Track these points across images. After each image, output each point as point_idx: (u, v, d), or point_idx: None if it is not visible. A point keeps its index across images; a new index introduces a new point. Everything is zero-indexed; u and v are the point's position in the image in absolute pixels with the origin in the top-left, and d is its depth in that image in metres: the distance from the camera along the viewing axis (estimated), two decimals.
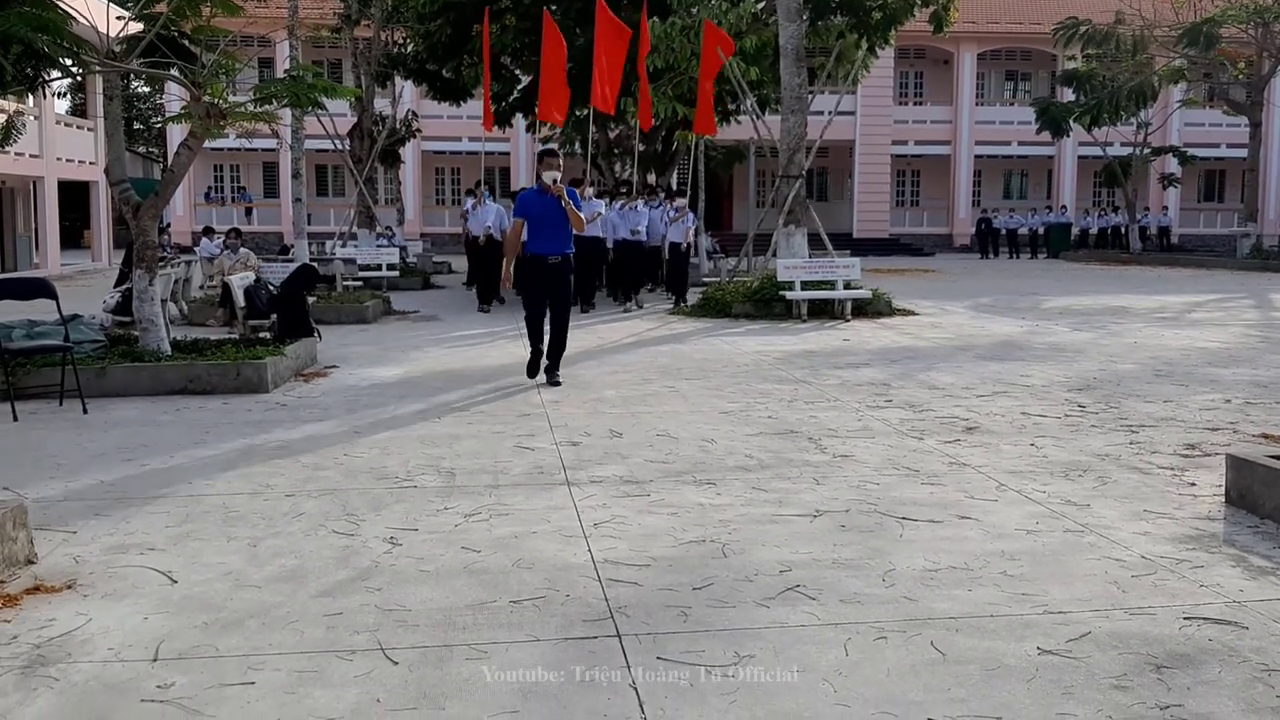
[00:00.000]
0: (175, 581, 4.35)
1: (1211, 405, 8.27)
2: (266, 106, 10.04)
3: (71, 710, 3.22)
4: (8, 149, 12.20)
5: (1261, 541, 4.81)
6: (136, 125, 54.47)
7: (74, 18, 8.92)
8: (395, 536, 4.96)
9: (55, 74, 9.00)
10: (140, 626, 3.87)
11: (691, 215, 18.87)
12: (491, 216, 17.44)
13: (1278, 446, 6.54)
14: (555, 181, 8.88)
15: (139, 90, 51.49)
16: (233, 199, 43.60)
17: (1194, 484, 5.87)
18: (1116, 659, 3.56)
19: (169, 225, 32.68)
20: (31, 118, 25.66)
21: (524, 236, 9.44)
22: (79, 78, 9.26)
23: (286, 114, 13.88)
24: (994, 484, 5.89)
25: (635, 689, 3.36)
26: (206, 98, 9.39)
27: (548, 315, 9.26)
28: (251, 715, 3.19)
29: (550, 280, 9.12)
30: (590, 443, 6.98)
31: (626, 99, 21.41)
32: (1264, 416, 7.82)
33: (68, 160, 29.87)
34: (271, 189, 43.68)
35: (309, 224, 22.33)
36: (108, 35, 9.22)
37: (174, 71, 9.98)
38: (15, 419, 7.80)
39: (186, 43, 10.85)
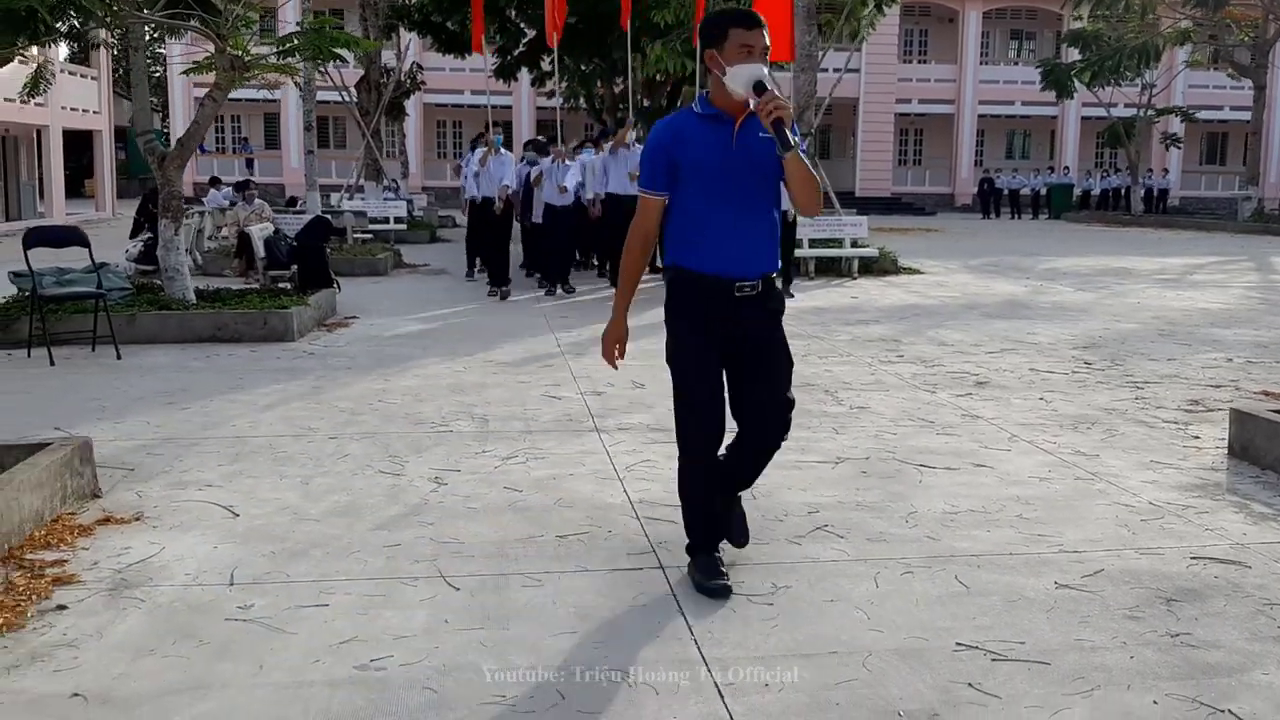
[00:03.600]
0: (237, 515, 4.59)
1: (1214, 364, 8.52)
2: (288, 59, 10.15)
3: (162, 627, 3.47)
4: (14, 98, 12.24)
5: (1263, 490, 5.07)
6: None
7: None
8: (439, 476, 5.20)
9: (91, 25, 9.11)
10: (211, 555, 4.12)
11: None
12: (508, 171, 13.21)
13: (1279, 402, 6.79)
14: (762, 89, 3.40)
15: (96, 31, 51.13)
16: (234, 150, 43.53)
17: (1198, 437, 6.13)
18: (1129, 593, 3.82)
19: None
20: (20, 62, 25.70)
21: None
22: (114, 30, 9.36)
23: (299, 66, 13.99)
24: (1006, 435, 6.14)
25: (684, 614, 3.62)
26: (230, 50, 9.53)
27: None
28: (330, 633, 3.44)
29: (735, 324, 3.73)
30: (614, 393, 7.22)
31: (635, 54, 21.50)
32: (1265, 375, 8.07)
33: (71, 109, 29.85)
34: (273, 140, 43.60)
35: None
36: None
37: (196, 23, 10.09)
38: (52, 363, 8.02)
39: None
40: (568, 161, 13.07)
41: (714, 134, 3.56)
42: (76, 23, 8.53)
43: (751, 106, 3.45)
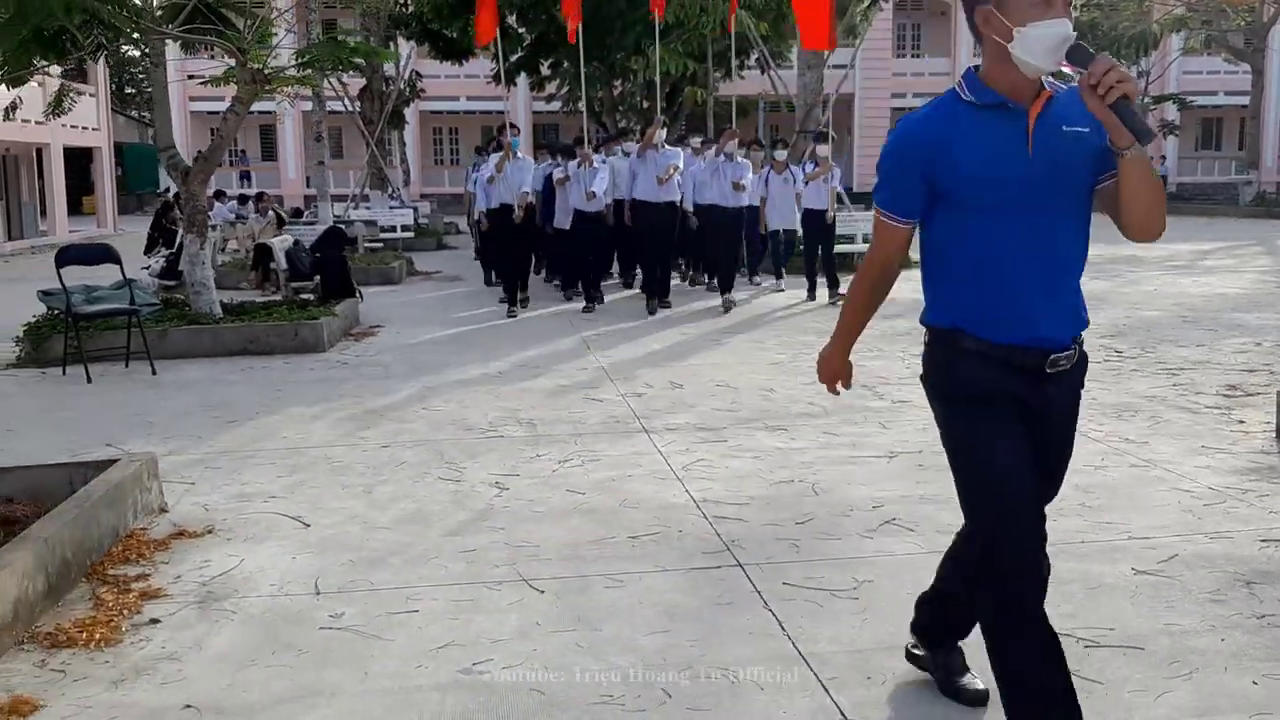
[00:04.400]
0: (308, 525, 4.62)
1: (1243, 349, 8.57)
2: (307, 71, 10.18)
3: (259, 638, 3.50)
4: (13, 116, 12.22)
5: None
6: (128, 89, 54.16)
7: None
8: (500, 481, 5.23)
9: (118, 41, 9.14)
10: (291, 566, 4.14)
11: (838, 172, 13.00)
12: (528, 176, 11.62)
13: None
14: (1085, 56, 2.37)
15: (129, 54, 51.22)
16: (230, 162, 43.50)
17: (1242, 421, 6.17)
18: (1207, 577, 3.86)
19: (165, 190, 32.74)
20: (35, 84, 25.68)
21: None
22: (144, 46, 9.39)
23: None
24: None
25: (770, 610, 3.65)
26: (251, 63, 9.56)
27: None
28: (426, 639, 3.47)
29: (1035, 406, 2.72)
30: (654, 394, 7.25)
31: (637, 57, 21.56)
32: None
33: (71, 126, 29.82)
34: (269, 152, 43.60)
35: (311, 186, 22.50)
36: (153, 2, 9.37)
37: (215, 38, 10.12)
38: (89, 380, 8.04)
39: (221, 8, 10.97)
40: (595, 164, 11.76)
41: (999, 131, 2.47)
42: (104, 40, 8.56)
43: (1060, 85, 2.55)
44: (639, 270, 12.97)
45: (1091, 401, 6.75)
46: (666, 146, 11.80)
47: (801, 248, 12.82)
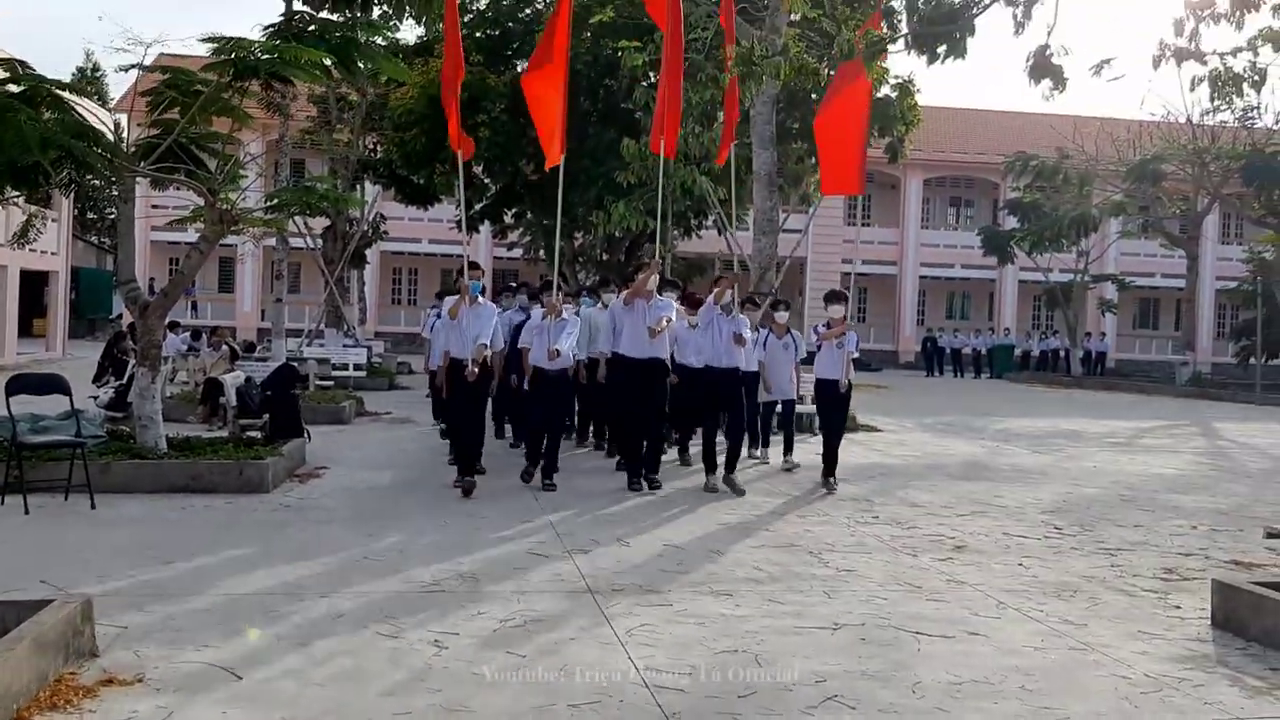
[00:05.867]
0: (240, 678, 4.52)
1: (1180, 531, 8.74)
2: (275, 214, 10.35)
3: None
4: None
5: (1252, 662, 5.19)
6: (90, 215, 54.35)
7: (88, 124, 9.24)
8: (439, 640, 5.17)
9: (90, 177, 9.27)
10: None
11: (854, 336, 10.98)
12: (488, 325, 9.58)
13: (1257, 573, 6.98)
14: None
15: (93, 182, 51.48)
16: (184, 293, 43.45)
17: (1179, 606, 6.27)
18: None
19: (118, 317, 32.57)
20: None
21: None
22: (113, 182, 9.52)
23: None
24: (994, 602, 6.23)
25: None
26: (220, 203, 9.72)
27: None
28: None
29: None
30: (600, 551, 7.23)
31: (598, 211, 22.12)
32: (1231, 543, 8.28)
33: (30, 249, 29.77)
34: (226, 283, 43.70)
35: (266, 321, 22.61)
36: (126, 140, 9.55)
37: (185, 176, 10.29)
38: (27, 511, 7.88)
39: (194, 148, 11.18)
40: (565, 315, 10.03)
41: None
42: (75, 176, 8.68)
43: None
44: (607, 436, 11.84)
45: (1032, 579, 6.84)
46: (659, 295, 10.29)
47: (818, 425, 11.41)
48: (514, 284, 13.74)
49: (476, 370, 9.32)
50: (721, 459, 9.95)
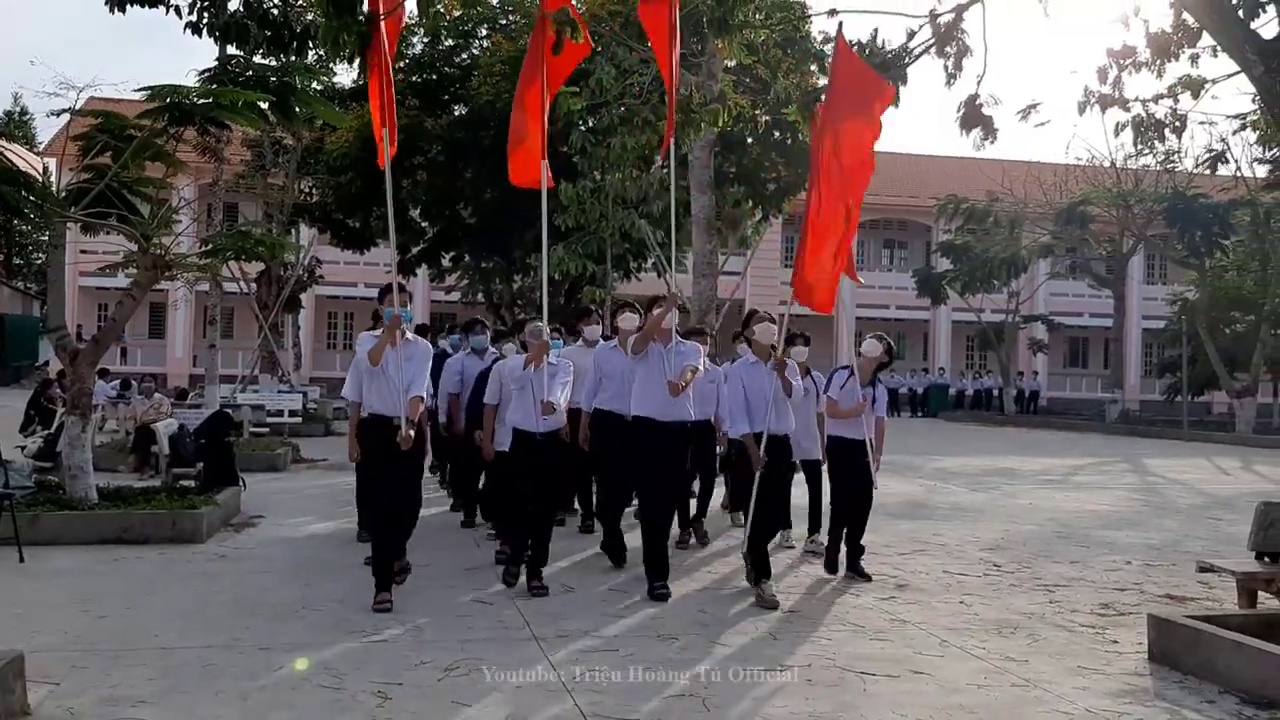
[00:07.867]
0: None
1: (1114, 567, 8.89)
2: (209, 260, 10.23)
3: None
4: None
5: (1189, 696, 5.28)
6: (16, 260, 53.27)
7: (16, 168, 9.09)
8: (382, 690, 5.08)
9: (17, 222, 9.09)
10: None
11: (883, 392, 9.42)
12: (421, 371, 7.12)
13: (1191, 607, 7.12)
14: None
15: (20, 228, 50.43)
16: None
17: (1116, 641, 6.36)
18: None
19: (45, 364, 31.84)
20: None
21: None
22: (42, 228, 9.34)
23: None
24: (936, 640, 6.28)
25: None
26: (153, 249, 9.58)
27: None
28: None
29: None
30: (547, 597, 7.16)
31: (536, 254, 22.16)
32: (1164, 578, 8.44)
33: None
34: (157, 329, 42.96)
35: (198, 367, 22.22)
36: (56, 184, 9.40)
37: (118, 222, 10.14)
38: None
39: (126, 193, 11.02)
40: (550, 359, 7.33)
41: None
42: (2, 219, 8.51)
43: None
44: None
45: (973, 617, 6.91)
46: (681, 338, 7.92)
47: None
48: (477, 319, 11.16)
49: (412, 434, 6.80)
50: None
